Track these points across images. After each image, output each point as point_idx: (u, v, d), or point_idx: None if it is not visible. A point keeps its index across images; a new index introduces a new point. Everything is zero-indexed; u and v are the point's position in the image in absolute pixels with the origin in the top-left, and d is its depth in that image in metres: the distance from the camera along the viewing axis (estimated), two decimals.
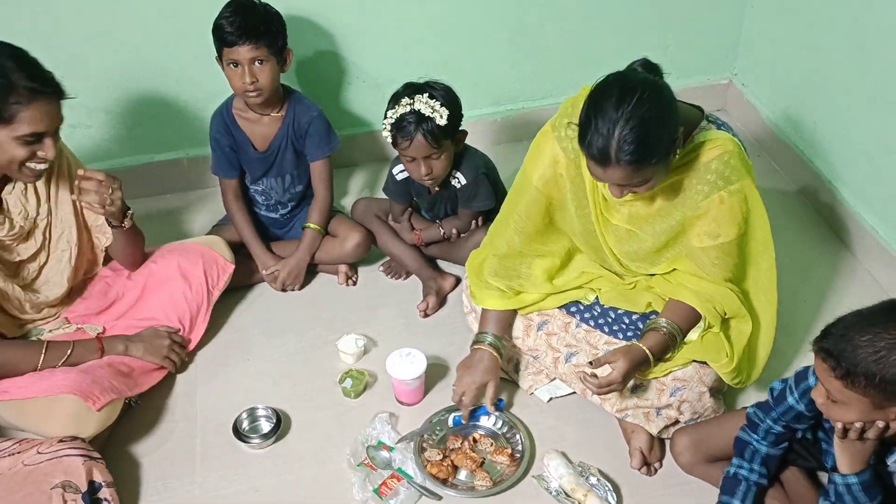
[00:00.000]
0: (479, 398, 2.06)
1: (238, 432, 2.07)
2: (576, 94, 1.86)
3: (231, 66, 2.23)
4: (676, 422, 1.99)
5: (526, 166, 2.00)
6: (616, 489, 1.93)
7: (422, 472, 1.95)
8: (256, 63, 2.22)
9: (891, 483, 1.58)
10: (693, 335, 1.95)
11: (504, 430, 2.07)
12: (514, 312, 2.12)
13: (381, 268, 2.58)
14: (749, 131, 2.98)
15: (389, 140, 2.24)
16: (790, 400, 1.67)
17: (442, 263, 2.57)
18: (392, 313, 2.44)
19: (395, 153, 2.33)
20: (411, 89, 2.21)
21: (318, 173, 2.46)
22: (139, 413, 2.13)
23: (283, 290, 2.46)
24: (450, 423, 2.08)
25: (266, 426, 2.10)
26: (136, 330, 2.16)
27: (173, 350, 2.17)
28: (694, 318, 1.94)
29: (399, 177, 2.41)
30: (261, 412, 2.12)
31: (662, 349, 1.89)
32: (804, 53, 2.69)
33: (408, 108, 2.17)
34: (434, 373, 2.22)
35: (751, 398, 2.08)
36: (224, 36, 2.20)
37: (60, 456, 1.83)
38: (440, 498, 1.94)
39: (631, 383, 1.93)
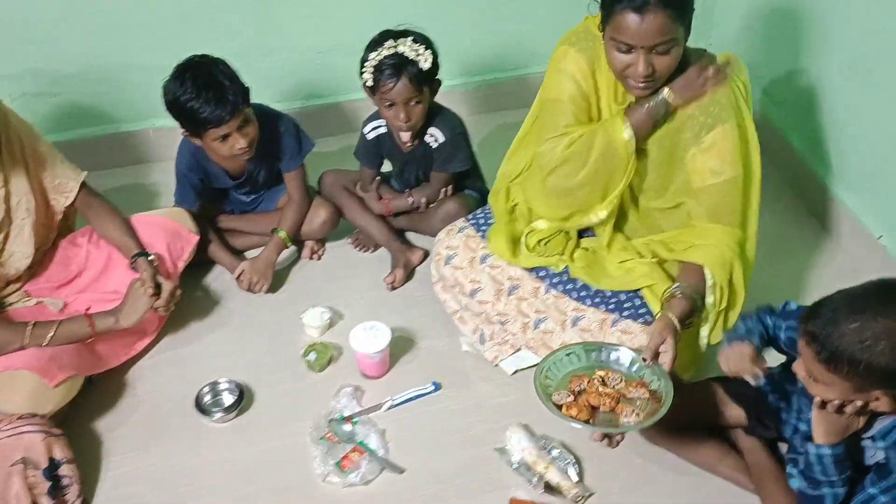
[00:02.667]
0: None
1: (200, 406, 2.06)
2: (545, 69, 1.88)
3: (219, 140, 2.16)
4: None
5: (550, 94, 1.96)
6: (578, 462, 1.93)
7: (560, 416, 1.73)
8: (243, 126, 2.16)
9: (862, 459, 1.58)
10: (710, 299, 1.91)
11: (632, 368, 1.84)
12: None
13: (350, 241, 2.55)
14: None
15: (370, 83, 2.18)
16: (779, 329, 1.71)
17: (411, 236, 2.55)
18: (359, 286, 2.42)
19: (367, 115, 2.30)
20: (391, 35, 2.17)
21: (293, 182, 2.41)
22: (101, 389, 2.11)
23: (251, 290, 2.39)
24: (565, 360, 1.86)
25: (228, 400, 2.09)
26: (102, 303, 2.12)
27: (156, 296, 2.07)
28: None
29: (370, 136, 2.38)
30: (223, 386, 2.10)
31: (686, 315, 1.85)
32: (777, 20, 2.65)
33: (392, 51, 2.13)
34: (400, 345, 2.21)
35: (714, 369, 2.07)
36: (205, 120, 2.10)
37: (20, 433, 1.81)
38: (402, 471, 1.94)
39: None
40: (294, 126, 2.37)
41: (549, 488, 1.87)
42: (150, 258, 2.13)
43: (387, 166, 2.53)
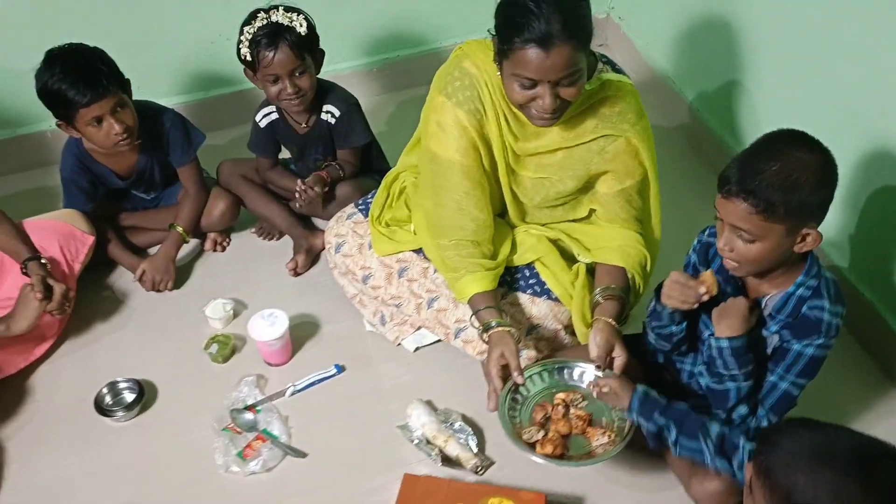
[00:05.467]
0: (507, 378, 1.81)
1: (100, 407, 2.04)
2: (451, 42, 1.84)
3: (93, 125, 2.11)
4: (537, 360, 2.00)
5: (435, 149, 1.88)
6: (479, 433, 1.96)
7: (538, 457, 1.68)
8: (119, 110, 2.12)
9: (764, 352, 1.65)
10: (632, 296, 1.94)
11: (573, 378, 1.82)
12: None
13: (254, 230, 2.54)
14: (626, 66, 2.96)
15: (248, 58, 2.16)
16: (692, 257, 1.75)
17: (317, 221, 2.53)
18: (263, 275, 2.41)
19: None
20: (261, 10, 2.15)
21: (187, 176, 2.37)
22: None
23: (156, 290, 2.35)
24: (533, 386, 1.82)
25: (129, 398, 2.07)
26: None
27: (48, 300, 2.04)
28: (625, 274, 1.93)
29: (263, 123, 2.36)
30: (122, 385, 2.09)
31: (619, 315, 1.86)
32: None
33: (265, 21, 2.11)
34: (303, 330, 2.22)
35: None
36: (74, 100, 2.05)
37: None
38: (304, 455, 1.95)
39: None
40: (181, 120, 2.33)
41: (449, 461, 1.89)
42: (41, 261, 2.10)
43: (285, 155, 2.51)
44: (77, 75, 2.05)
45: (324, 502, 1.86)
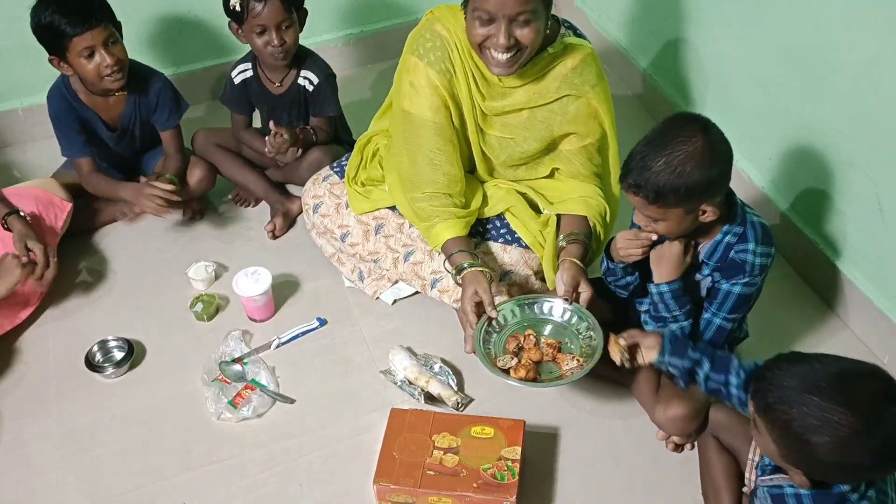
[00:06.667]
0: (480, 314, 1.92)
1: (91, 365, 2.11)
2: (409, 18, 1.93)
3: (84, 56, 2.17)
4: None
5: (408, 107, 1.99)
6: (457, 374, 2.08)
7: (513, 380, 1.80)
8: (110, 44, 2.19)
9: (699, 294, 1.82)
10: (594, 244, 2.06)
11: (564, 317, 1.93)
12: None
13: (231, 196, 2.61)
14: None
15: (237, 8, 2.23)
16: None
17: (291, 187, 2.62)
18: (241, 239, 2.49)
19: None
20: None
21: (169, 141, 2.45)
22: None
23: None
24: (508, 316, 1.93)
25: (119, 355, 2.14)
26: None
27: (28, 266, 2.10)
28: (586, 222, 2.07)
29: (237, 79, 2.44)
30: (112, 343, 2.16)
31: (583, 257, 1.99)
32: None
33: None
34: (285, 289, 2.31)
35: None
36: (67, 30, 2.13)
37: None
38: (293, 401, 2.04)
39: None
40: (171, 85, 2.41)
41: (431, 398, 2.01)
42: (21, 214, 2.17)
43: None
44: (70, 6, 2.13)
45: (316, 441, 1.96)
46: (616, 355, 1.70)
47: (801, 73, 2.15)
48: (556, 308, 1.94)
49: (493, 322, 1.91)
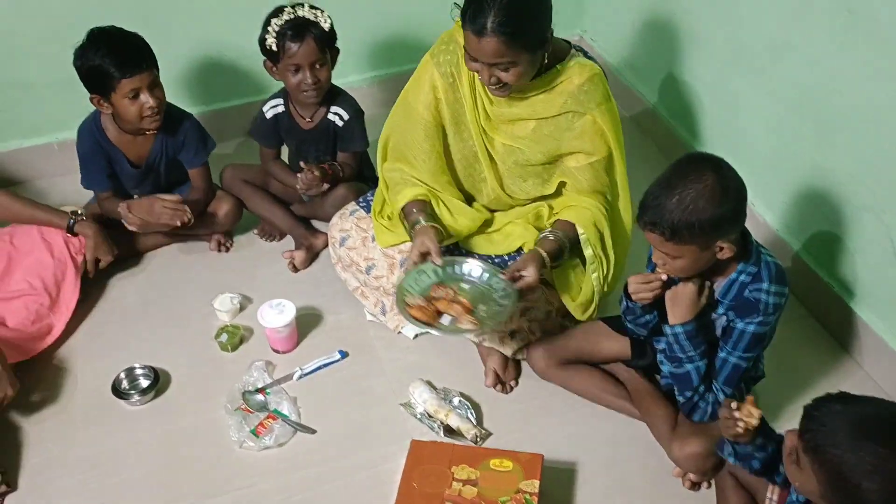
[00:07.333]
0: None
1: (117, 391, 2.15)
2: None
3: (129, 98, 2.26)
4: (530, 342, 2.17)
5: (408, 96, 2.14)
6: (476, 407, 2.11)
7: (407, 318, 1.94)
8: (154, 87, 2.29)
9: (714, 333, 1.84)
10: (588, 251, 2.10)
11: (483, 277, 2.04)
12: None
13: (256, 231, 2.68)
14: None
15: (273, 48, 2.31)
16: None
17: (316, 223, 2.67)
18: (267, 272, 2.55)
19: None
20: (286, 5, 2.32)
21: (197, 179, 2.53)
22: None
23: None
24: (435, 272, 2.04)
25: (144, 383, 2.18)
26: (4, 303, 2.19)
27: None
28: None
29: (269, 114, 2.51)
30: (139, 371, 2.20)
31: (555, 254, 2.04)
32: (646, 4, 2.90)
33: (292, 16, 2.29)
34: (308, 321, 2.35)
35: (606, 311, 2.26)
36: (116, 72, 2.22)
37: None
38: (314, 431, 2.08)
39: (521, 304, 2.10)
40: (199, 124, 2.50)
41: (451, 431, 2.04)
42: (81, 216, 2.33)
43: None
44: (122, 49, 2.23)
45: (336, 471, 1.99)
46: (754, 419, 1.59)
47: (814, 118, 2.21)
48: (473, 270, 2.04)
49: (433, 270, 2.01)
